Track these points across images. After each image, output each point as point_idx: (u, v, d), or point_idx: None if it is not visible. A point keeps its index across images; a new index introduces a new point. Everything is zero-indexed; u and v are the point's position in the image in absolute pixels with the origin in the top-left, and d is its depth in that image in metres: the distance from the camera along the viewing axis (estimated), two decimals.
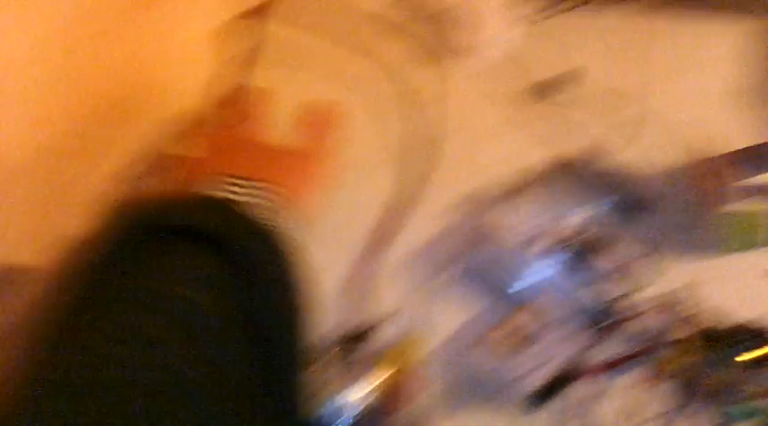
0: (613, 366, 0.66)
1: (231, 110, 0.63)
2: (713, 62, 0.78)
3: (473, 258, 0.68)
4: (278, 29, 0.80)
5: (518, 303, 0.65)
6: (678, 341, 0.62)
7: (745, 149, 0.68)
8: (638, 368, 0.65)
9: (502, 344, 0.63)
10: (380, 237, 0.73)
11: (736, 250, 0.68)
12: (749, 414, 0.62)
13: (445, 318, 0.70)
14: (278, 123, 0.62)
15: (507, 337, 0.63)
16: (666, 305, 0.64)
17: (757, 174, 0.67)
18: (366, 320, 0.69)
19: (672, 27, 0.79)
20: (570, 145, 0.74)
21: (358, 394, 0.63)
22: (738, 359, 0.62)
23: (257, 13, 0.80)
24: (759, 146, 0.68)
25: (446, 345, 0.69)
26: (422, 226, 0.73)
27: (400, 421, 0.65)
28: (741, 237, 0.67)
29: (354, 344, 0.67)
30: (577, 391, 0.64)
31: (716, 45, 0.78)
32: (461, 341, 0.68)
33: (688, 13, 0.79)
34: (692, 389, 0.63)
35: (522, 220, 0.68)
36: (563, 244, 0.67)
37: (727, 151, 0.69)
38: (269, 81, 0.76)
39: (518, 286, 0.67)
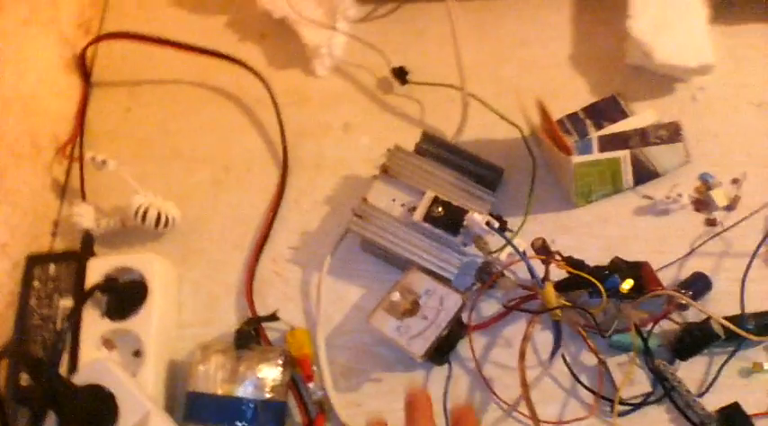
0: (500, 317, 0.69)
1: None
2: (550, 30, 0.84)
3: (360, 232, 0.70)
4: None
5: (405, 271, 0.68)
6: (555, 283, 0.65)
7: (591, 105, 0.74)
8: (524, 314, 0.67)
9: (393, 310, 0.65)
10: (265, 235, 0.76)
11: (605, 195, 0.72)
12: (627, 347, 0.65)
13: (344, 294, 0.73)
14: None
15: (395, 305, 0.66)
16: (538, 250, 0.67)
17: (606, 126, 0.72)
18: (261, 313, 0.72)
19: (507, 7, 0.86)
20: (425, 126, 0.80)
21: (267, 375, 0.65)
22: (620, 287, 0.65)
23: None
24: (598, 102, 0.74)
25: (348, 318, 0.72)
26: (305, 217, 0.77)
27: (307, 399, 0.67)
28: (607, 183, 0.71)
29: (250, 337, 0.69)
30: (471, 344, 0.67)
31: (550, 15, 0.85)
32: (362, 313, 0.71)
33: None
34: (576, 325, 0.65)
35: (397, 195, 0.72)
36: (433, 212, 0.70)
37: (572, 110, 0.75)
38: None
39: (410, 253, 0.69)
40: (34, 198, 0.77)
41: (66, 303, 0.72)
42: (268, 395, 0.64)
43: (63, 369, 0.68)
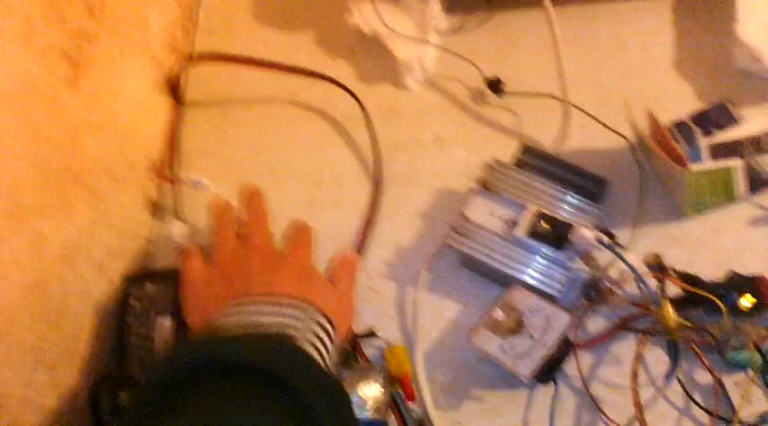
0: (608, 335, 0.66)
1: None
2: (651, 35, 0.81)
3: (459, 248, 0.69)
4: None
5: (506, 287, 0.66)
6: (671, 299, 0.62)
7: (699, 112, 0.71)
8: (636, 331, 0.65)
9: (496, 329, 0.63)
10: (359, 250, 0.76)
11: (717, 205, 0.69)
12: (744, 364, 0.62)
13: (441, 310, 0.72)
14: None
15: (498, 324, 0.64)
16: (652, 266, 0.64)
17: (715, 133, 0.69)
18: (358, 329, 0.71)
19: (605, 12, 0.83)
20: (523, 137, 0.78)
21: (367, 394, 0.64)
22: (740, 304, 0.62)
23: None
24: (707, 109, 0.71)
25: (446, 335, 0.70)
26: (400, 232, 0.76)
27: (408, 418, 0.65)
28: (720, 193, 0.68)
29: (350, 355, 0.68)
30: (578, 363, 0.65)
31: (650, 19, 0.82)
32: (461, 330, 0.69)
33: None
34: (690, 342, 0.62)
35: (497, 209, 0.70)
36: (537, 227, 0.68)
37: (679, 117, 0.71)
38: None
39: (512, 270, 0.67)
40: (130, 218, 0.79)
41: (164, 321, 0.73)
42: (369, 415, 0.63)
43: None
